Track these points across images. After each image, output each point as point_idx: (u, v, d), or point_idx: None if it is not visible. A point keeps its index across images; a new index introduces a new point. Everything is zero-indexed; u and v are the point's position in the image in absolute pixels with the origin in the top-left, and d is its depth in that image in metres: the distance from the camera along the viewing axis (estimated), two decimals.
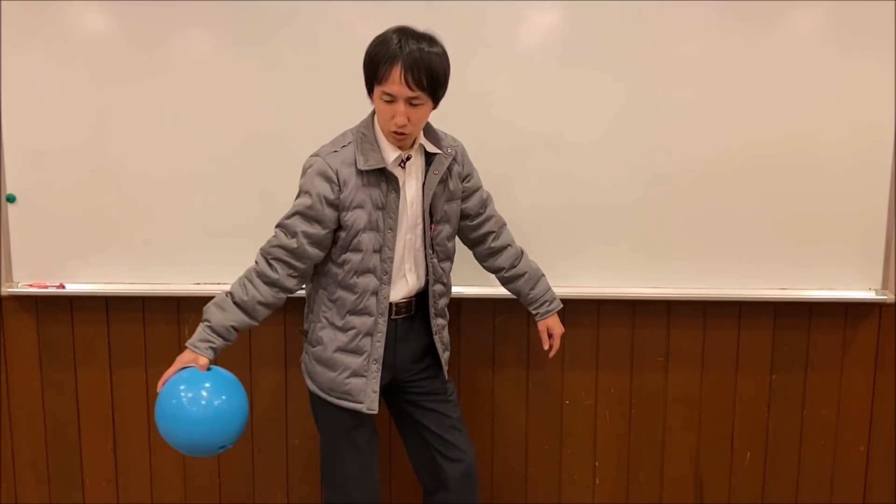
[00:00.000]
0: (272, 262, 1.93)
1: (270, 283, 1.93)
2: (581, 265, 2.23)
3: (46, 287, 2.45)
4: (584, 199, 2.39)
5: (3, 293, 2.45)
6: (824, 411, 2.53)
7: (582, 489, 2.60)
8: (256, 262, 1.95)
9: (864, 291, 2.42)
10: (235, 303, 1.92)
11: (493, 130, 2.28)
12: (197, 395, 1.79)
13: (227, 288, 1.95)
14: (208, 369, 1.86)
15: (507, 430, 2.55)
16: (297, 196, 1.93)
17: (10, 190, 2.41)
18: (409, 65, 1.78)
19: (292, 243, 1.90)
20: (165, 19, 2.32)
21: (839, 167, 2.35)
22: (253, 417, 2.56)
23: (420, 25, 2.30)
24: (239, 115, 2.36)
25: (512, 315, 2.49)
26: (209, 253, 2.43)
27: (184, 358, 1.87)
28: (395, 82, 1.79)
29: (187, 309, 2.51)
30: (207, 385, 1.81)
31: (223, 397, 1.81)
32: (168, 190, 2.40)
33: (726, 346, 2.50)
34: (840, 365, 2.51)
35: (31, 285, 2.45)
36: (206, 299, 2.46)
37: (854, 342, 2.50)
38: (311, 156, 1.94)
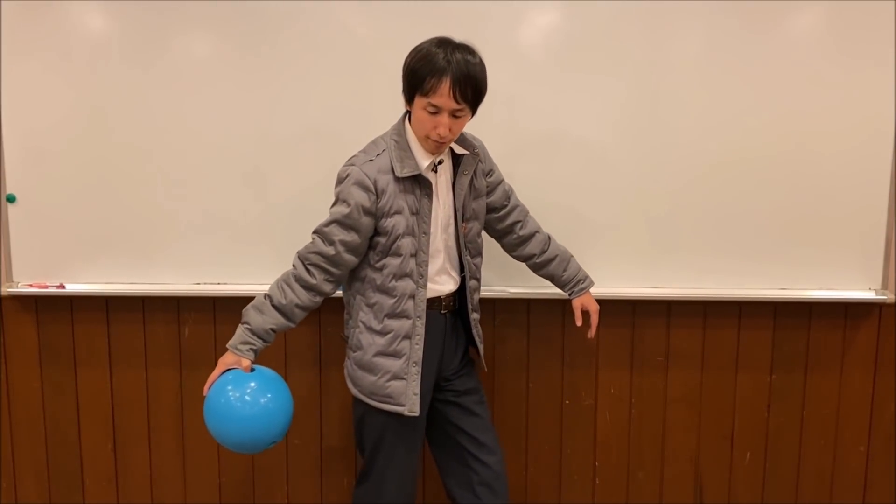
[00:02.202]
0: (310, 267, 1.96)
1: (308, 287, 1.96)
2: (581, 265, 2.24)
3: (46, 287, 2.45)
4: (583, 200, 2.39)
5: (3, 293, 2.45)
6: (824, 411, 2.53)
7: (582, 489, 2.60)
8: (294, 267, 1.98)
9: (864, 291, 2.42)
10: (274, 306, 1.96)
11: (494, 130, 2.27)
12: (243, 395, 1.88)
13: (265, 290, 1.98)
14: (252, 370, 1.93)
15: (507, 430, 2.55)
16: (334, 204, 1.96)
17: (10, 190, 2.41)
18: (458, 78, 1.81)
19: (330, 250, 1.93)
20: (165, 20, 2.32)
21: (839, 167, 2.35)
22: None
23: (421, 26, 2.31)
24: (239, 115, 2.36)
25: (512, 315, 2.50)
26: (209, 253, 2.43)
27: (226, 360, 1.93)
28: (444, 95, 1.82)
29: (187, 309, 2.51)
30: (253, 384, 1.90)
31: (269, 395, 1.90)
32: (168, 190, 2.40)
33: (726, 346, 2.50)
34: (840, 365, 2.51)
35: (31, 285, 2.45)
36: (206, 299, 2.48)
37: (854, 342, 2.50)
38: (347, 165, 1.96)
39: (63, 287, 2.45)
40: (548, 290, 2.40)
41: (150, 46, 2.33)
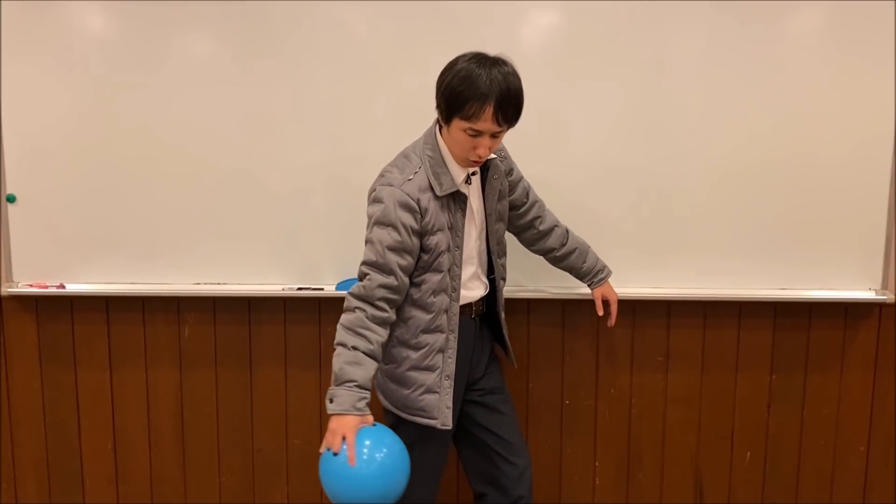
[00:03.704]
0: (379, 303, 1.86)
1: (384, 322, 1.88)
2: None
3: (46, 287, 2.45)
4: (584, 200, 2.39)
5: (3, 293, 2.45)
6: (824, 411, 2.53)
7: (582, 489, 2.60)
8: (362, 310, 1.86)
9: (864, 291, 2.42)
10: (366, 354, 1.85)
11: None
12: (360, 453, 1.80)
13: (343, 343, 1.85)
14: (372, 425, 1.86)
15: None
16: (375, 227, 1.87)
17: (10, 190, 2.41)
18: (501, 103, 1.78)
19: (393, 281, 1.86)
20: (165, 19, 2.32)
21: (839, 167, 2.34)
22: (253, 417, 2.56)
23: (421, 26, 2.32)
24: (239, 114, 2.36)
25: (512, 315, 2.49)
26: (209, 253, 2.43)
27: (351, 424, 1.80)
28: (487, 120, 1.79)
29: (187, 309, 2.51)
30: (368, 442, 1.82)
31: (384, 450, 1.83)
32: (168, 190, 2.40)
33: (726, 346, 2.50)
34: (840, 365, 2.51)
35: (31, 285, 2.45)
36: (206, 299, 2.48)
37: (854, 342, 2.50)
38: (383, 185, 1.88)
39: (63, 287, 2.45)
40: (548, 290, 2.41)
41: (150, 47, 2.33)
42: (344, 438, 1.78)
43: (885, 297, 2.40)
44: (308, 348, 2.52)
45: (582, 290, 2.35)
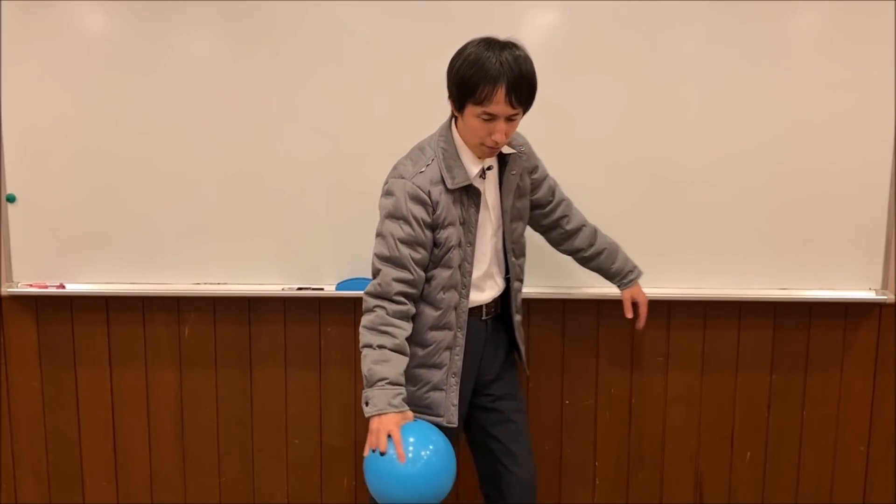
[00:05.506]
0: (398, 297, 1.84)
1: (406, 316, 1.86)
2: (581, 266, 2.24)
3: (46, 287, 2.45)
4: (584, 200, 2.38)
5: (3, 293, 2.45)
6: (824, 411, 2.53)
7: (582, 489, 2.60)
8: (381, 307, 1.83)
9: (864, 291, 2.42)
10: (394, 350, 1.83)
11: None
12: (406, 450, 1.74)
13: (368, 345, 1.82)
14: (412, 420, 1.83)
15: None
16: (387, 221, 1.85)
17: (10, 190, 2.41)
18: (513, 84, 1.76)
19: (407, 275, 1.84)
20: (165, 19, 2.32)
21: (839, 167, 2.35)
22: (253, 417, 2.56)
23: (421, 25, 2.32)
24: (239, 114, 2.36)
25: None
26: (209, 253, 2.43)
27: (394, 420, 1.76)
28: (500, 102, 1.77)
29: (187, 309, 2.51)
30: (412, 439, 1.77)
31: (431, 447, 1.79)
32: (168, 190, 2.40)
33: (726, 346, 2.50)
34: (840, 365, 2.51)
35: (31, 285, 2.45)
36: (206, 299, 2.47)
37: (854, 342, 2.50)
38: (396, 178, 1.87)
39: (63, 287, 2.45)
40: (548, 290, 2.41)
41: (150, 46, 2.33)
42: (389, 436, 1.75)
43: (885, 297, 2.40)
44: (308, 348, 2.52)
45: (582, 290, 2.35)
